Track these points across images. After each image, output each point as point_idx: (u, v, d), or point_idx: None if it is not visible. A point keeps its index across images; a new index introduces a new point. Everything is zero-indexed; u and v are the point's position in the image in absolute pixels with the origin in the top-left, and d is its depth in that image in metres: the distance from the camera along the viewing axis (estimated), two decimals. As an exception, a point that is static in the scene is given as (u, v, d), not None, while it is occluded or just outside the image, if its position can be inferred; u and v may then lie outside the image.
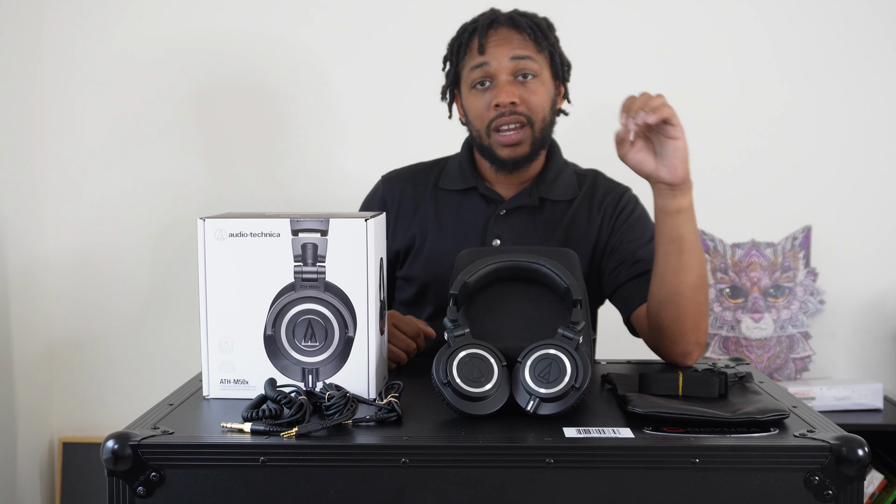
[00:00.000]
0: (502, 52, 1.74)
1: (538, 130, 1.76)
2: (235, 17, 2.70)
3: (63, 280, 2.74)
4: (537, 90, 1.75)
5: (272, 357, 1.34)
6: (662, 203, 1.58)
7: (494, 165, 1.79)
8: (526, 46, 1.75)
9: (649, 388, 1.36)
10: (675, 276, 1.58)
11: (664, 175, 1.54)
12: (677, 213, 1.57)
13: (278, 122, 2.73)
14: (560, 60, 1.81)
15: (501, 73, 1.74)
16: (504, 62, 1.74)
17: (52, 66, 2.70)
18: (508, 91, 1.73)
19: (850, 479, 1.13)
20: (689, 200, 1.57)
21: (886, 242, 2.72)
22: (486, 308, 1.35)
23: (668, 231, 1.58)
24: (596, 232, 1.80)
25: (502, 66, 1.74)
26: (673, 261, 1.58)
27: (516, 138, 1.74)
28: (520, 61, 1.74)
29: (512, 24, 1.77)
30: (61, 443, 2.71)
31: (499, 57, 1.74)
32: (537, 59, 1.76)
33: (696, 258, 1.58)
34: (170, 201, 2.73)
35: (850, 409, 2.57)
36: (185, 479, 1.14)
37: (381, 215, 1.42)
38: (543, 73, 1.77)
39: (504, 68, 1.74)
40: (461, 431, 1.20)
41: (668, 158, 1.53)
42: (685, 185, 1.56)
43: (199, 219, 1.34)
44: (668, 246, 1.58)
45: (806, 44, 2.70)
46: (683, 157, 1.53)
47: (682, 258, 1.58)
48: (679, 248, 1.57)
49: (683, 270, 1.58)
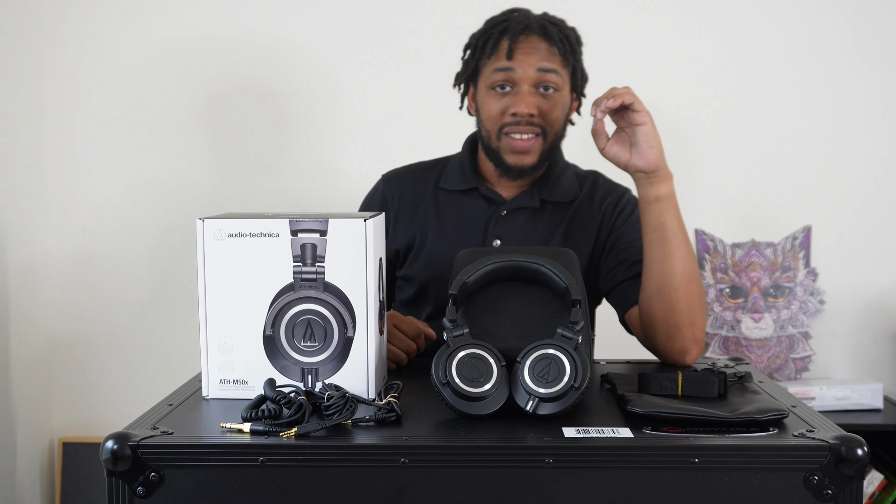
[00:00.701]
0: (529, 62, 1.72)
1: (549, 142, 1.76)
2: (236, 17, 2.70)
3: (63, 280, 2.74)
4: (556, 104, 1.75)
5: (271, 357, 1.34)
6: (642, 192, 1.61)
7: (499, 169, 1.78)
8: (553, 59, 1.73)
9: (649, 387, 1.36)
10: (662, 265, 1.60)
11: (637, 162, 1.58)
12: (656, 200, 1.59)
13: (279, 121, 2.73)
14: (581, 74, 1.81)
15: (524, 82, 1.73)
16: (529, 72, 1.72)
17: (52, 65, 2.70)
18: (528, 102, 1.72)
19: (850, 478, 1.13)
20: (668, 189, 1.60)
21: (886, 242, 2.72)
22: (485, 308, 1.35)
23: (651, 220, 1.61)
24: (595, 232, 1.80)
25: (527, 74, 1.72)
26: (658, 250, 1.60)
27: (527, 145, 1.74)
28: (545, 74, 1.73)
29: (543, 33, 1.74)
30: (61, 443, 2.71)
31: (525, 66, 1.72)
32: (561, 74, 1.75)
33: (681, 247, 1.60)
34: (170, 201, 2.73)
35: (850, 409, 2.57)
36: (185, 480, 1.14)
37: (380, 215, 1.42)
38: (564, 86, 1.76)
39: (528, 78, 1.72)
40: (460, 431, 1.20)
41: (639, 145, 1.57)
42: (661, 173, 1.58)
43: (198, 219, 1.34)
44: (652, 235, 1.61)
45: (806, 44, 2.70)
46: (652, 143, 1.56)
47: (665, 247, 1.59)
48: (662, 236, 1.59)
49: (670, 260, 1.59)
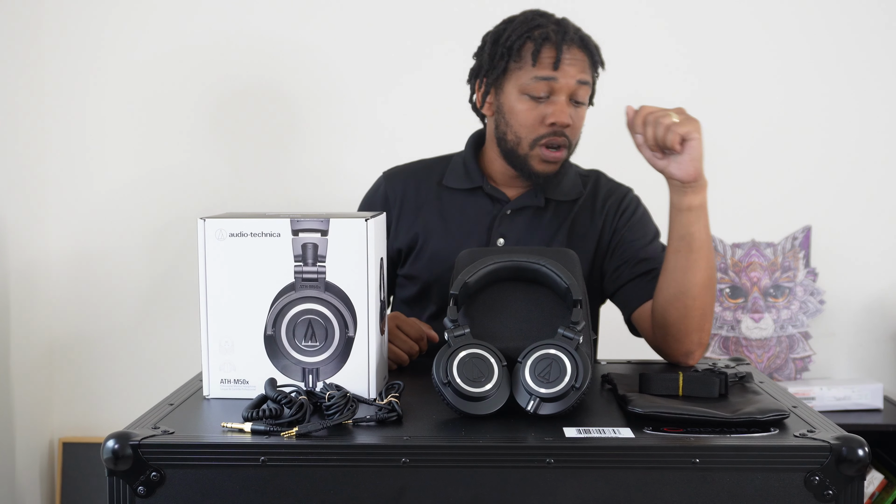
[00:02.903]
0: (572, 73, 1.71)
1: (570, 154, 1.78)
2: (238, 16, 2.70)
3: (63, 280, 2.74)
4: (582, 116, 1.76)
5: (272, 357, 1.34)
6: (674, 199, 1.59)
7: (522, 175, 1.77)
8: (587, 72, 1.74)
9: (649, 387, 1.36)
10: (684, 274, 1.59)
11: (675, 172, 1.56)
12: (688, 210, 1.58)
13: (282, 121, 2.73)
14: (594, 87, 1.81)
15: (563, 93, 1.72)
16: (571, 83, 1.71)
17: (52, 65, 2.70)
18: (567, 112, 1.71)
19: (851, 478, 1.13)
20: (701, 199, 1.58)
21: (886, 242, 2.73)
22: (486, 308, 1.35)
23: (679, 228, 1.59)
24: (598, 232, 1.80)
25: (568, 86, 1.71)
26: (682, 259, 1.59)
27: (560, 156, 1.74)
28: (581, 87, 1.72)
29: (583, 44, 1.74)
30: (61, 443, 2.71)
31: (568, 77, 1.71)
32: (589, 88, 1.75)
33: (704, 258, 1.59)
34: (171, 201, 2.73)
35: (850, 409, 2.57)
36: (186, 479, 1.14)
37: (381, 215, 1.42)
38: (587, 99, 1.77)
39: (568, 88, 1.71)
40: (461, 431, 1.20)
41: (682, 156, 1.54)
42: (697, 184, 1.56)
43: (199, 219, 1.34)
44: (678, 243, 1.59)
45: (806, 44, 2.70)
46: (696, 156, 1.54)
47: (690, 257, 1.58)
48: (688, 245, 1.58)
49: (692, 269, 1.58)
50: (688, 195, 1.57)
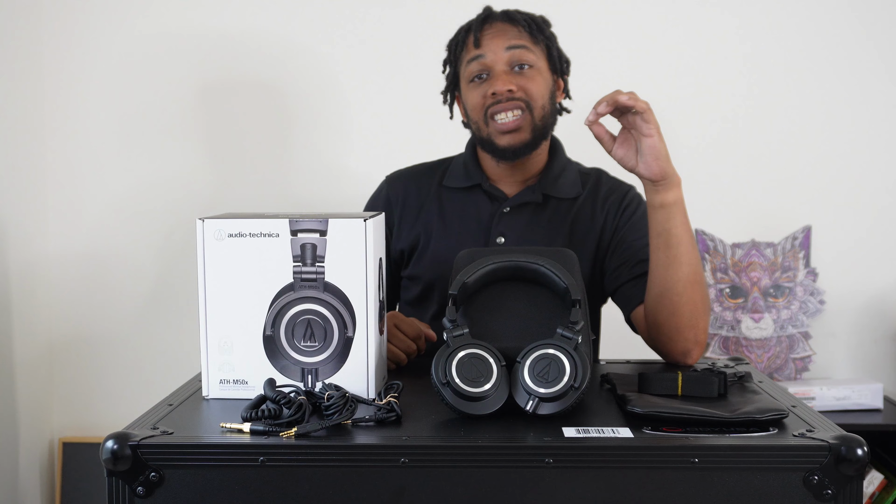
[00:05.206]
0: (498, 44, 1.76)
1: (538, 118, 1.77)
2: (239, 15, 2.70)
3: (64, 280, 2.74)
4: (534, 78, 1.76)
5: (271, 357, 1.34)
6: (648, 198, 1.61)
7: (495, 156, 1.79)
8: (521, 37, 1.77)
9: (648, 387, 1.36)
10: (666, 270, 1.60)
11: (642, 171, 1.58)
12: (661, 207, 1.59)
13: (282, 121, 2.73)
14: (558, 55, 1.82)
15: (498, 64, 1.76)
16: (500, 53, 1.75)
17: (52, 65, 2.70)
18: (504, 80, 1.74)
19: (850, 478, 1.13)
20: (674, 196, 1.59)
21: (886, 242, 2.72)
22: (485, 308, 1.35)
23: (656, 225, 1.61)
24: (599, 230, 1.80)
25: (498, 56, 1.76)
26: (661, 255, 1.60)
27: (514, 124, 1.75)
28: (515, 51, 1.75)
29: (507, 17, 1.79)
30: (61, 443, 2.71)
31: (494, 49, 1.76)
32: (533, 51, 1.77)
33: (685, 254, 1.59)
34: (171, 201, 2.73)
35: (850, 409, 2.57)
36: (185, 480, 1.14)
37: (380, 215, 1.42)
38: (540, 63, 1.78)
39: (500, 59, 1.76)
40: (460, 431, 1.20)
41: (644, 156, 1.56)
42: (667, 182, 1.57)
43: (197, 219, 1.34)
44: (657, 240, 1.61)
45: (806, 44, 2.70)
46: (657, 155, 1.55)
47: (669, 253, 1.59)
48: (666, 242, 1.59)
49: (673, 265, 1.59)
50: (659, 193, 1.58)
